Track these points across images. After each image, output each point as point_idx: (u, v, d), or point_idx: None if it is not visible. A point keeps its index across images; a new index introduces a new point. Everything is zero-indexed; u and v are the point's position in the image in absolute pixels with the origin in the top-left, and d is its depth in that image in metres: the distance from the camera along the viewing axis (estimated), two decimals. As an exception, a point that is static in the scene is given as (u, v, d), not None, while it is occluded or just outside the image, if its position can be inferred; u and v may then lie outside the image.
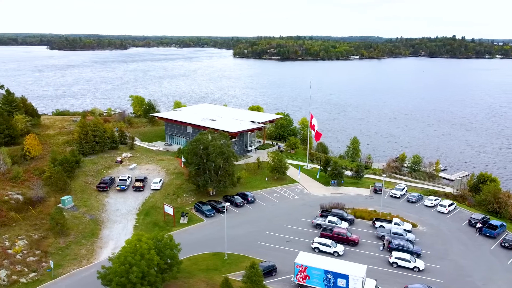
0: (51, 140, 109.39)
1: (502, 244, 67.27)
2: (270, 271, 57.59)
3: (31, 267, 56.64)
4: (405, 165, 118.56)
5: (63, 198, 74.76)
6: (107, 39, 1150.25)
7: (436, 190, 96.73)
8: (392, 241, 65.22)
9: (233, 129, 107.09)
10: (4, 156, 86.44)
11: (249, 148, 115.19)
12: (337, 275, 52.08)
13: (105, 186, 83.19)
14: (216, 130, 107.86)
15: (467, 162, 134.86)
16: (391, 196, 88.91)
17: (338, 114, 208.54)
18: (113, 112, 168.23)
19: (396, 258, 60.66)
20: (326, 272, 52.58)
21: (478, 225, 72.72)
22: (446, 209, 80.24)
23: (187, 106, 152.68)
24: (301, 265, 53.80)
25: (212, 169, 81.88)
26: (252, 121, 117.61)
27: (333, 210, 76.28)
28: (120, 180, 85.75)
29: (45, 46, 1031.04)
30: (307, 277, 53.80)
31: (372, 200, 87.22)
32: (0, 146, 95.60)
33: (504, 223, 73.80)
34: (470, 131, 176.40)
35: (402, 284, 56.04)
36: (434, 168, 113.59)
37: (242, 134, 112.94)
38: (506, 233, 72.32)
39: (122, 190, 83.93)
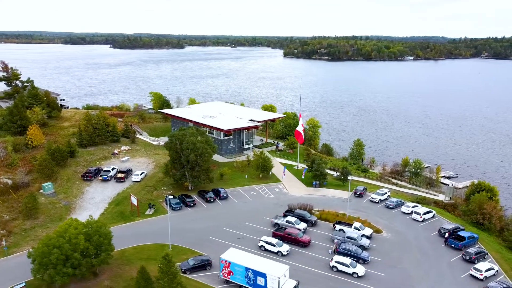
0: (62, 132, 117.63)
1: (463, 256, 63.11)
2: (204, 265, 58.73)
3: (-11, 244, 62.21)
4: (406, 170, 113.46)
5: (44, 184, 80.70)
6: (165, 38, 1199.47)
7: (425, 197, 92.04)
8: (340, 245, 63.60)
9: (226, 126, 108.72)
10: (7, 144, 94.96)
11: (245, 146, 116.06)
12: (256, 273, 52.12)
13: (89, 175, 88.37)
14: (210, 127, 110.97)
15: (483, 171, 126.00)
16: (370, 201, 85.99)
17: (362, 116, 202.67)
18: (139, 108, 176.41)
19: (336, 262, 59.25)
20: (247, 269, 52.78)
21: (447, 235, 68.69)
22: (421, 217, 76.33)
23: (201, 103, 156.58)
24: (226, 261, 54.41)
25: (186, 163, 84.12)
26: (251, 120, 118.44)
27: (296, 211, 75.53)
28: (104, 170, 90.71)
29: (109, 45, 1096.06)
30: (231, 273, 54.31)
31: (349, 203, 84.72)
32: (12, 135, 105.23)
33: (475, 235, 68.95)
34: (503, 140, 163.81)
35: (332, 288, 54.96)
36: (435, 174, 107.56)
37: (239, 132, 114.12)
38: (477, 245, 67.68)
39: (105, 180, 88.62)
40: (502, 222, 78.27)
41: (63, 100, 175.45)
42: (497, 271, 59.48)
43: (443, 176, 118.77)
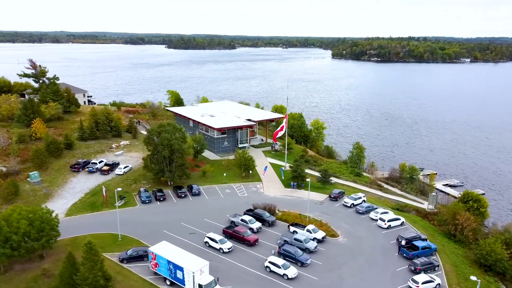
0: (72, 126, 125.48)
1: (409, 266, 60.20)
2: (141, 256, 60.88)
3: (-38, 224, 68.49)
4: (404, 175, 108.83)
5: (31, 173, 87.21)
6: (220, 39, 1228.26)
7: (407, 204, 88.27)
8: (282, 247, 63.13)
9: (219, 125, 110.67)
10: (13, 135, 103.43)
11: (240, 145, 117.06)
12: (176, 267, 53.41)
13: (76, 167, 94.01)
14: (205, 125, 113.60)
15: (492, 183, 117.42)
16: (343, 205, 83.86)
17: (385, 120, 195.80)
18: (163, 106, 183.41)
19: (269, 262, 59.01)
20: (169, 262, 54.20)
21: (403, 243, 65.78)
22: (385, 224, 73.37)
23: (213, 102, 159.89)
24: (153, 253, 56.22)
25: (162, 159, 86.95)
26: (248, 119, 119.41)
27: (256, 210, 75.72)
28: (91, 163, 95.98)
29: (164, 45, 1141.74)
30: (157, 265, 56.04)
31: (320, 206, 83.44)
32: (25, 127, 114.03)
33: (433, 246, 65.34)
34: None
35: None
36: (429, 181, 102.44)
37: (234, 130, 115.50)
38: (433, 257, 64.18)
39: (91, 172, 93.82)
40: (477, 235, 73.17)
41: (91, 96, 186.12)
42: (438, 284, 56.10)
43: (446, 184, 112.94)
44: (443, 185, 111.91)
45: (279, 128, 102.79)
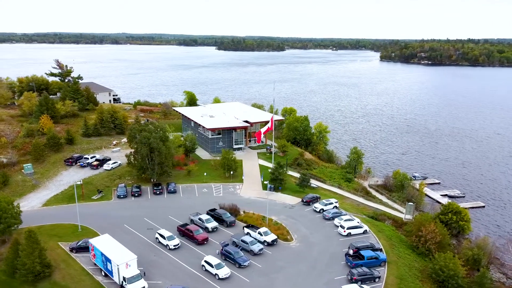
0: (81, 122, 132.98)
1: (347, 276, 58.56)
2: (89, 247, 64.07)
3: None
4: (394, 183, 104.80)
5: (25, 165, 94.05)
6: (272, 40, 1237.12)
7: (384, 213, 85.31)
8: (224, 247, 63.74)
9: (212, 125, 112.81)
10: (22, 130, 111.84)
11: (235, 146, 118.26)
12: (107, 259, 55.88)
13: (70, 161, 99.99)
14: (200, 125, 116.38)
15: (496, 198, 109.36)
16: (313, 210, 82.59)
17: (407, 126, 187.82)
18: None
19: (205, 261, 59.91)
20: (102, 254, 56.80)
21: (351, 251, 64.03)
22: (344, 231, 71.53)
23: (225, 103, 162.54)
24: (92, 244, 59.16)
25: (144, 156, 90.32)
26: (245, 121, 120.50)
27: (217, 210, 76.74)
28: (83, 158, 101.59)
29: (214, 47, 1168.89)
30: (95, 256, 58.90)
31: (289, 209, 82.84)
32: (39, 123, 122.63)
33: (381, 257, 62.84)
34: None
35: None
36: (418, 190, 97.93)
37: (230, 131, 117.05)
38: (381, 267, 61.85)
39: (82, 166, 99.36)
40: (445, 249, 69.15)
41: (116, 95, 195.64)
42: (370, 296, 54.27)
43: (445, 195, 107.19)
44: (441, 195, 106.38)
45: (265, 129, 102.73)
